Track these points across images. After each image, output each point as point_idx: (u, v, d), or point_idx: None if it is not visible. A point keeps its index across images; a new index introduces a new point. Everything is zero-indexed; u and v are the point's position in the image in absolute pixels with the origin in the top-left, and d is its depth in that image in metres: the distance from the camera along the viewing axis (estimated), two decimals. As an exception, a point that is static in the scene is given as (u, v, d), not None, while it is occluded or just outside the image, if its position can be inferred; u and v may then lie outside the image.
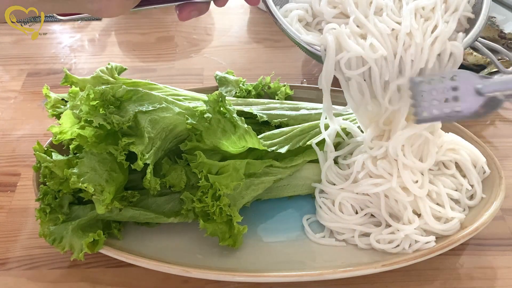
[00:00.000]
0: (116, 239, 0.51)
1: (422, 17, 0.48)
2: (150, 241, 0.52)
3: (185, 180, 0.50)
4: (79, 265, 0.51)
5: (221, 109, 0.50)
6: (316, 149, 0.55)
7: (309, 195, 0.57)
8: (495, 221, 0.54)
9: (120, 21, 0.92)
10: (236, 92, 0.66)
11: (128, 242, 0.51)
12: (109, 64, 0.59)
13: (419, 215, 0.51)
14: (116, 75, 0.58)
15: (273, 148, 0.53)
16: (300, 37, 0.49)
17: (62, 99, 0.56)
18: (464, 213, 0.53)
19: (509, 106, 0.72)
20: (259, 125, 0.58)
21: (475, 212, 0.53)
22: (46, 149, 0.51)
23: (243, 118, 0.51)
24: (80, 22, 0.91)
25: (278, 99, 0.65)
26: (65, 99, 0.55)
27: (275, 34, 0.88)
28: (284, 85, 0.67)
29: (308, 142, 0.55)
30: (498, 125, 0.69)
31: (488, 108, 0.47)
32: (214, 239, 0.50)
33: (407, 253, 0.50)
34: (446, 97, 0.45)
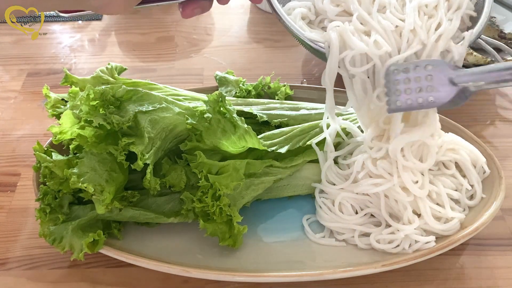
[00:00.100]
0: (116, 239, 0.51)
1: (426, 15, 0.48)
2: (150, 241, 0.52)
3: (185, 180, 0.50)
4: (79, 265, 0.51)
5: (221, 109, 0.50)
6: (316, 149, 0.55)
7: (309, 195, 0.57)
8: (495, 221, 0.54)
9: (120, 21, 0.92)
10: (236, 92, 0.66)
11: (128, 242, 0.51)
12: (109, 64, 0.59)
13: (419, 215, 0.51)
14: (116, 75, 0.58)
15: (273, 148, 0.53)
16: (304, 35, 0.49)
17: (62, 99, 0.56)
18: (464, 213, 0.53)
19: (509, 106, 0.72)
20: (259, 125, 0.58)
21: (475, 212, 0.53)
22: (46, 149, 0.51)
23: (243, 118, 0.51)
24: (80, 22, 0.91)
25: (278, 99, 0.65)
26: (65, 99, 0.55)
27: (275, 34, 0.88)
28: (284, 85, 0.67)
29: (308, 142, 0.55)
30: (498, 125, 0.69)
31: (458, 99, 0.46)
32: (214, 239, 0.50)
33: (407, 253, 0.50)
34: (420, 86, 0.45)
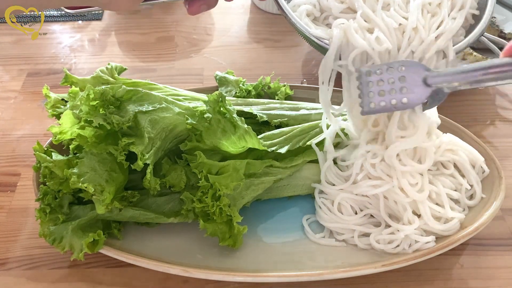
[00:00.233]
0: (116, 239, 0.51)
1: (429, 13, 0.48)
2: (150, 241, 0.52)
3: (185, 180, 0.50)
4: (79, 265, 0.51)
5: (221, 109, 0.50)
6: (316, 150, 0.55)
7: (309, 195, 0.57)
8: (495, 221, 0.54)
9: (120, 21, 0.92)
10: (236, 92, 0.66)
11: (128, 242, 0.51)
12: (109, 64, 0.59)
13: (419, 216, 0.51)
14: (116, 75, 0.58)
15: (273, 148, 0.53)
16: (309, 31, 0.49)
17: (62, 99, 0.56)
18: (464, 213, 0.53)
19: (509, 106, 0.72)
20: (259, 125, 0.58)
21: (475, 212, 0.53)
22: (46, 149, 0.51)
23: (243, 118, 0.51)
24: (80, 22, 0.91)
25: (278, 99, 0.65)
26: (65, 99, 0.55)
27: (275, 34, 0.88)
28: (284, 85, 0.67)
29: (308, 143, 0.55)
30: (498, 125, 0.69)
31: (433, 100, 0.46)
32: (214, 239, 0.50)
33: (407, 253, 0.50)
34: (393, 87, 0.45)
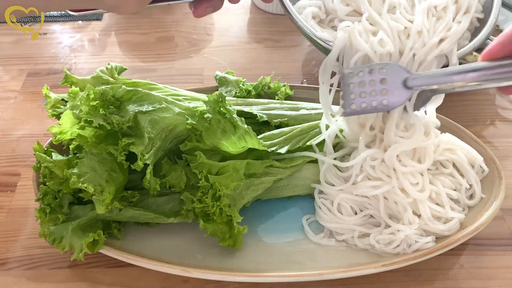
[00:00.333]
0: (116, 239, 0.51)
1: (434, 16, 0.48)
2: (150, 241, 0.52)
3: (185, 180, 0.50)
4: (79, 265, 0.51)
5: (221, 110, 0.50)
6: (316, 150, 0.55)
7: (309, 195, 0.57)
8: (495, 221, 0.54)
9: (120, 21, 0.92)
10: (236, 92, 0.66)
11: (128, 242, 0.51)
12: (109, 64, 0.59)
13: (418, 216, 0.51)
14: (116, 75, 0.58)
15: (273, 148, 0.53)
16: (316, 34, 0.49)
17: (62, 99, 0.56)
18: (464, 213, 0.53)
19: (509, 106, 0.72)
20: (259, 125, 0.58)
21: (475, 212, 0.53)
22: (46, 149, 0.51)
23: (243, 119, 0.51)
24: (80, 22, 0.91)
25: (278, 99, 0.65)
26: (65, 99, 0.55)
27: (275, 34, 0.88)
28: (284, 85, 0.67)
29: (308, 143, 0.55)
30: (498, 125, 0.69)
31: (419, 101, 0.48)
32: (214, 239, 0.50)
33: (407, 253, 0.50)
34: (374, 89, 0.45)
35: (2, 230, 0.55)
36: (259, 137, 0.52)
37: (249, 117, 0.57)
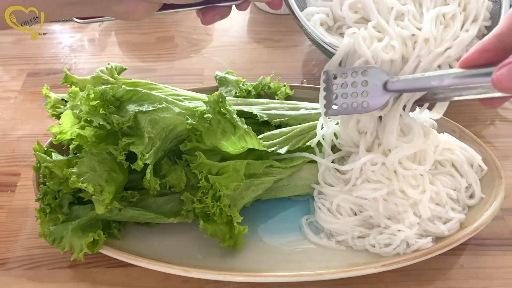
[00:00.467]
0: (116, 239, 0.51)
1: (442, 24, 0.48)
2: (150, 241, 0.52)
3: (185, 180, 0.50)
4: (79, 265, 0.51)
5: (221, 110, 0.50)
6: (316, 151, 0.55)
7: (309, 195, 0.57)
8: (495, 221, 0.54)
9: (120, 21, 0.92)
10: (236, 92, 0.66)
11: (128, 242, 0.51)
12: (109, 64, 0.59)
13: (419, 216, 0.51)
14: (116, 75, 0.58)
15: (273, 148, 0.53)
16: (324, 40, 0.50)
17: (62, 99, 0.56)
18: (463, 212, 0.53)
19: (509, 106, 0.72)
20: (259, 125, 0.58)
21: (475, 212, 0.53)
22: (46, 149, 0.51)
23: (243, 119, 0.51)
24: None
25: (278, 99, 0.65)
26: (65, 99, 0.55)
27: (275, 34, 0.88)
28: (284, 85, 0.67)
29: (308, 143, 0.55)
30: (498, 125, 0.69)
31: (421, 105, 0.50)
32: (214, 239, 0.50)
33: (407, 253, 0.50)
34: (356, 91, 0.46)
35: (2, 230, 0.55)
36: (259, 137, 0.52)
37: (249, 117, 0.57)
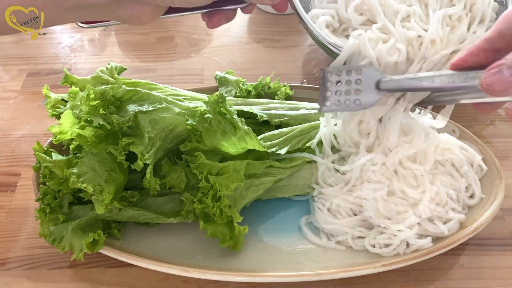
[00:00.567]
0: (116, 239, 0.51)
1: (448, 26, 0.48)
2: (150, 241, 0.52)
3: (185, 181, 0.50)
4: (79, 265, 0.51)
5: (222, 110, 0.50)
6: (316, 151, 0.55)
7: (309, 195, 0.57)
8: (495, 221, 0.54)
9: (120, 21, 0.92)
10: (236, 92, 0.66)
11: (128, 242, 0.51)
12: (109, 64, 0.59)
13: (419, 216, 0.51)
14: (116, 75, 0.58)
15: (273, 149, 0.53)
16: (329, 41, 0.50)
17: (62, 99, 0.56)
18: (463, 212, 0.53)
19: (509, 106, 0.72)
20: (259, 125, 0.58)
21: (475, 212, 0.53)
22: (46, 149, 0.51)
23: (243, 119, 0.51)
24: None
25: (278, 99, 0.65)
26: (65, 99, 0.55)
27: (275, 34, 0.88)
28: (284, 85, 0.67)
29: (308, 144, 0.55)
30: (498, 125, 0.69)
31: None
32: (214, 238, 0.50)
33: (406, 253, 0.50)
34: (349, 89, 0.47)
35: (2, 230, 0.55)
36: (259, 137, 0.52)
37: (249, 117, 0.57)
